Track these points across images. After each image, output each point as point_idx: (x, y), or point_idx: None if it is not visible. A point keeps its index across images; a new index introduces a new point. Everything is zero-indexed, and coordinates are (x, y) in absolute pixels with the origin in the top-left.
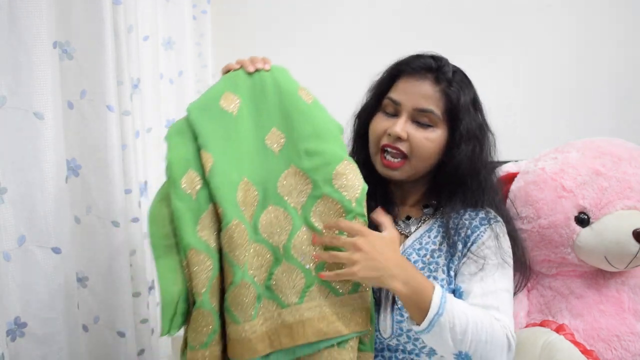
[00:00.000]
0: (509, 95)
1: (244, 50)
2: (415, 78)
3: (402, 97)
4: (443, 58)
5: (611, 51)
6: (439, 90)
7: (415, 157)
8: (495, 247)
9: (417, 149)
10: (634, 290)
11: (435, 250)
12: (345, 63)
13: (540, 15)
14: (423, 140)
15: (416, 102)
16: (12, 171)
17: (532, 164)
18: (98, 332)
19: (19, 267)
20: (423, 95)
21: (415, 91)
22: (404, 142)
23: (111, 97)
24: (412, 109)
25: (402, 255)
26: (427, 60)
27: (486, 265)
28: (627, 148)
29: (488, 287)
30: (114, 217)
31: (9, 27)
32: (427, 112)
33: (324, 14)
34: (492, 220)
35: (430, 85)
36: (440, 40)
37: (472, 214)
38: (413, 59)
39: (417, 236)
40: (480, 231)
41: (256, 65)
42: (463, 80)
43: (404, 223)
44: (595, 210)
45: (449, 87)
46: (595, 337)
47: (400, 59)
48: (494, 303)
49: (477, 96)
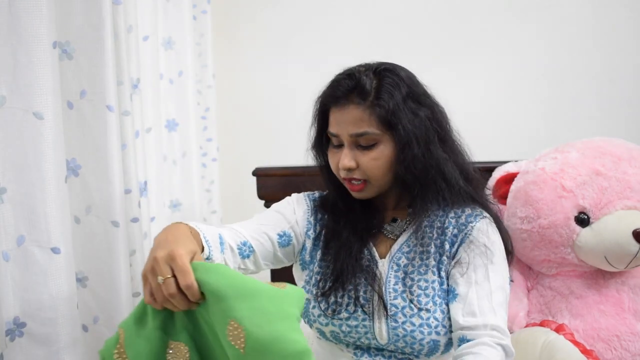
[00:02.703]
0: (507, 96)
1: (244, 50)
2: (341, 105)
3: (337, 128)
4: (359, 71)
5: (614, 51)
6: (365, 108)
7: (372, 177)
8: (485, 245)
9: (370, 171)
10: (634, 290)
11: (424, 252)
12: (345, 63)
13: (541, 15)
14: (371, 162)
15: (350, 130)
16: (12, 171)
17: (532, 164)
18: (98, 332)
19: (19, 267)
20: (353, 120)
21: (345, 119)
22: (356, 170)
23: (111, 97)
24: (349, 136)
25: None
26: (344, 82)
27: (477, 265)
28: (627, 148)
29: (482, 289)
30: (114, 217)
31: (8, 27)
32: (363, 135)
33: (324, 14)
34: (478, 217)
35: (355, 108)
36: (440, 41)
37: (457, 212)
38: (332, 88)
39: (405, 239)
40: (468, 230)
41: None
42: (390, 82)
43: (390, 226)
44: (595, 210)
45: (375, 99)
46: (595, 337)
47: (322, 90)
48: (490, 307)
49: (413, 86)
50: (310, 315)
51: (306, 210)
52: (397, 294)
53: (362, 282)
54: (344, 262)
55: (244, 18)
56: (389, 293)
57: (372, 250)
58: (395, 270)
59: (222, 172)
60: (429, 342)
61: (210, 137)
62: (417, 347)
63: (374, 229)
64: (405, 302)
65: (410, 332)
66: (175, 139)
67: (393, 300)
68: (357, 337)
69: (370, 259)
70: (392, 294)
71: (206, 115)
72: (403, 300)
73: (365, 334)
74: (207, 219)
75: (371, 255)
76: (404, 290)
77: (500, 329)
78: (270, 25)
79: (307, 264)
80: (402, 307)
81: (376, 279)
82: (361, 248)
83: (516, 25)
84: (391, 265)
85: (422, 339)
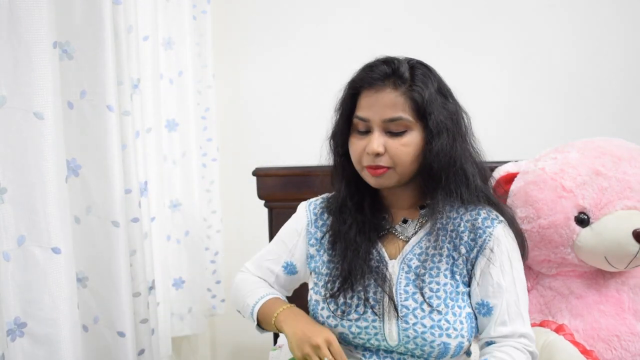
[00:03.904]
0: (507, 96)
1: (244, 50)
2: (375, 90)
3: (368, 113)
4: (396, 59)
5: (613, 51)
6: (401, 94)
7: (398, 165)
8: (507, 251)
9: (397, 158)
10: (634, 290)
11: (436, 255)
12: (345, 63)
13: (541, 16)
14: (400, 147)
15: (383, 114)
16: (12, 171)
17: (532, 164)
18: (98, 332)
19: (19, 267)
20: (387, 104)
21: (379, 103)
22: (383, 157)
23: (111, 97)
24: (382, 121)
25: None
26: (381, 67)
27: (504, 273)
28: (627, 148)
29: (511, 296)
30: (114, 217)
31: (8, 27)
32: (396, 120)
33: (324, 14)
34: (494, 221)
35: (391, 92)
36: (442, 41)
37: (472, 214)
38: (367, 72)
39: (417, 240)
40: (486, 236)
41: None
42: (424, 74)
43: (400, 227)
44: (595, 211)
45: (410, 87)
46: (595, 337)
47: (354, 75)
48: (518, 313)
49: (441, 82)
50: (319, 317)
51: (306, 225)
52: (409, 295)
53: (372, 283)
54: (351, 263)
55: (244, 18)
56: (399, 294)
57: (381, 251)
58: (407, 271)
59: (222, 172)
60: (439, 344)
61: (210, 137)
62: (427, 349)
63: (384, 230)
64: (417, 303)
65: (421, 334)
66: (175, 139)
67: (404, 301)
68: (366, 339)
69: (379, 259)
70: (403, 295)
71: (206, 115)
72: (414, 302)
73: (375, 335)
74: (207, 219)
75: (380, 256)
76: (415, 292)
77: (529, 336)
78: (270, 25)
79: (316, 268)
80: (413, 309)
81: (386, 280)
82: (369, 249)
83: (517, 25)
84: (402, 266)
85: (433, 341)
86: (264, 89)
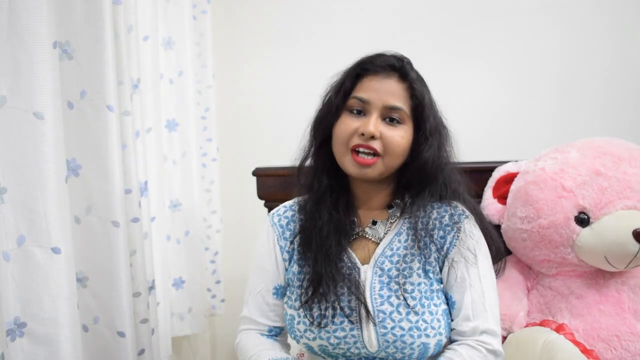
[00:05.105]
0: (507, 96)
1: (244, 51)
2: (382, 76)
3: (370, 95)
4: (404, 57)
5: (604, 52)
6: (404, 88)
7: (389, 154)
8: (473, 246)
9: (390, 147)
10: (634, 290)
11: (407, 255)
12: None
13: (532, 18)
14: (396, 137)
15: (385, 100)
16: (12, 171)
17: (532, 164)
18: (98, 332)
19: (19, 267)
20: (391, 92)
21: (383, 89)
22: (376, 141)
23: (111, 97)
24: (382, 106)
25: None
26: (390, 58)
27: (469, 268)
28: (627, 148)
29: (476, 291)
30: (114, 217)
31: (9, 27)
32: (397, 109)
33: (325, 14)
34: (461, 217)
35: (396, 83)
36: (440, 40)
37: (439, 211)
38: (376, 58)
39: (387, 242)
40: (454, 232)
41: None
42: (422, 81)
43: (370, 229)
44: (595, 210)
45: (413, 85)
46: (595, 337)
47: (362, 58)
48: (483, 308)
49: (430, 91)
50: (297, 332)
51: (276, 240)
52: (384, 299)
53: (345, 292)
54: (322, 268)
55: (244, 18)
56: (374, 299)
57: (352, 257)
58: (380, 275)
59: (222, 172)
60: (419, 345)
61: (210, 137)
62: (407, 351)
63: (354, 235)
64: (393, 307)
65: (400, 337)
66: (175, 139)
67: (380, 306)
68: (346, 348)
69: (351, 266)
70: (379, 299)
71: (206, 115)
72: (390, 305)
73: (354, 343)
74: (207, 219)
75: (352, 262)
76: (390, 295)
77: (491, 331)
78: (270, 25)
79: (289, 281)
80: (389, 313)
81: (359, 286)
82: (339, 254)
83: (517, 25)
84: (375, 270)
85: (413, 343)
86: (264, 89)
